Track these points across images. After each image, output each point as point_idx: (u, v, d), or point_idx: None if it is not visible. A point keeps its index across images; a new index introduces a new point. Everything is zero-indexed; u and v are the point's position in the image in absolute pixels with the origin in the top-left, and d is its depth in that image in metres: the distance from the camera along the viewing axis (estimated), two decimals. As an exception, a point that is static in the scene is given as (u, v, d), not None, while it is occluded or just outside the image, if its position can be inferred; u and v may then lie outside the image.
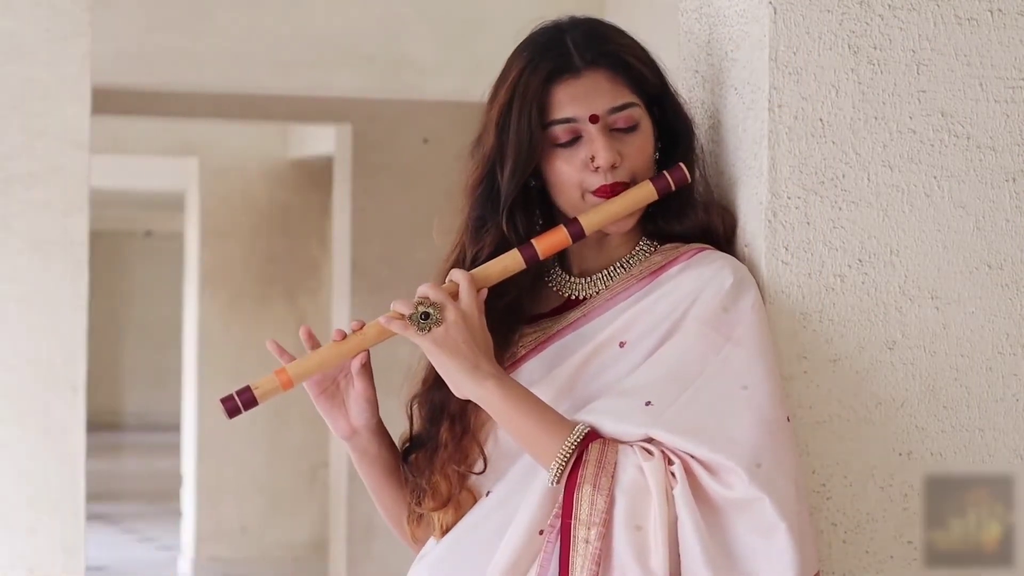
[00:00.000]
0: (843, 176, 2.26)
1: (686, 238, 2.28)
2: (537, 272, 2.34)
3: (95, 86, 4.32)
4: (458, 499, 2.29)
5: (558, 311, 2.30)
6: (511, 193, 2.25)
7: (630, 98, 2.24)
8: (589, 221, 2.23)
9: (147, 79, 6.40)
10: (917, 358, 2.27)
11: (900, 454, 2.27)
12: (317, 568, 9.81)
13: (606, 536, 2.08)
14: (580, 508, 2.09)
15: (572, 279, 2.31)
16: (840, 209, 2.26)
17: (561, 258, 2.34)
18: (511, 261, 2.23)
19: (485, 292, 2.21)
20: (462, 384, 2.17)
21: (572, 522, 2.09)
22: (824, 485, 2.25)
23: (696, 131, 2.32)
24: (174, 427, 12.18)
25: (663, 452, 2.10)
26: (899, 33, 2.27)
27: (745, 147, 2.30)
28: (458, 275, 2.20)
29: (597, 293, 2.28)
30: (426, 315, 2.16)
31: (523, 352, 2.28)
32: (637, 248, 2.29)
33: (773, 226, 2.25)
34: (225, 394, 2.25)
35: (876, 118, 2.26)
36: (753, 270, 2.26)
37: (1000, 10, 2.28)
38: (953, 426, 2.28)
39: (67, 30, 4.17)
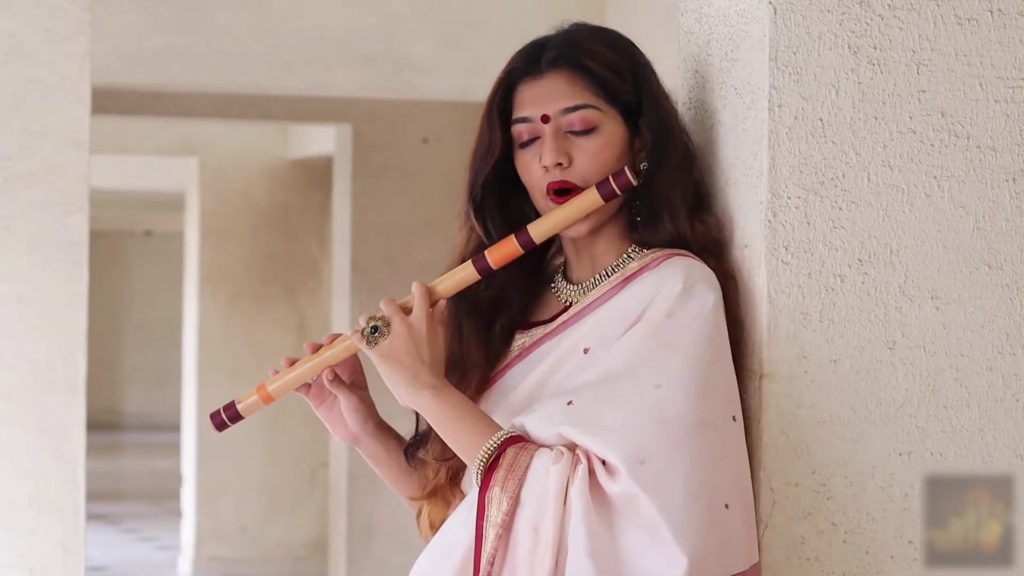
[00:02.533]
0: (843, 176, 2.26)
1: (663, 246, 2.28)
2: (545, 279, 2.38)
3: (95, 86, 4.32)
4: (448, 498, 2.35)
5: (554, 319, 2.32)
6: (472, 191, 2.31)
7: (588, 100, 2.26)
8: (538, 230, 2.27)
9: (147, 79, 6.39)
10: (917, 358, 2.27)
11: (900, 454, 2.27)
12: (317, 568, 9.81)
13: (504, 537, 2.13)
14: (490, 509, 2.14)
15: (568, 286, 2.34)
16: (840, 209, 2.26)
17: (564, 266, 2.37)
18: (466, 273, 2.29)
19: (443, 304, 2.27)
20: (402, 394, 2.24)
21: (483, 523, 2.14)
22: (824, 485, 2.25)
23: (678, 139, 2.31)
24: (174, 427, 12.18)
25: (576, 455, 2.12)
26: (899, 33, 2.27)
27: (745, 147, 2.30)
28: (414, 288, 2.26)
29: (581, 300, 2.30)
30: (375, 328, 2.24)
31: (511, 358, 2.32)
32: (624, 256, 2.30)
33: (773, 226, 2.25)
34: (220, 402, 2.37)
35: (876, 118, 2.27)
36: (753, 270, 2.26)
37: (1000, 10, 2.29)
38: (953, 426, 2.28)
39: (67, 30, 4.17)
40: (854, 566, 2.26)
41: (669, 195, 2.28)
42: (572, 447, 2.14)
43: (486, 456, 2.16)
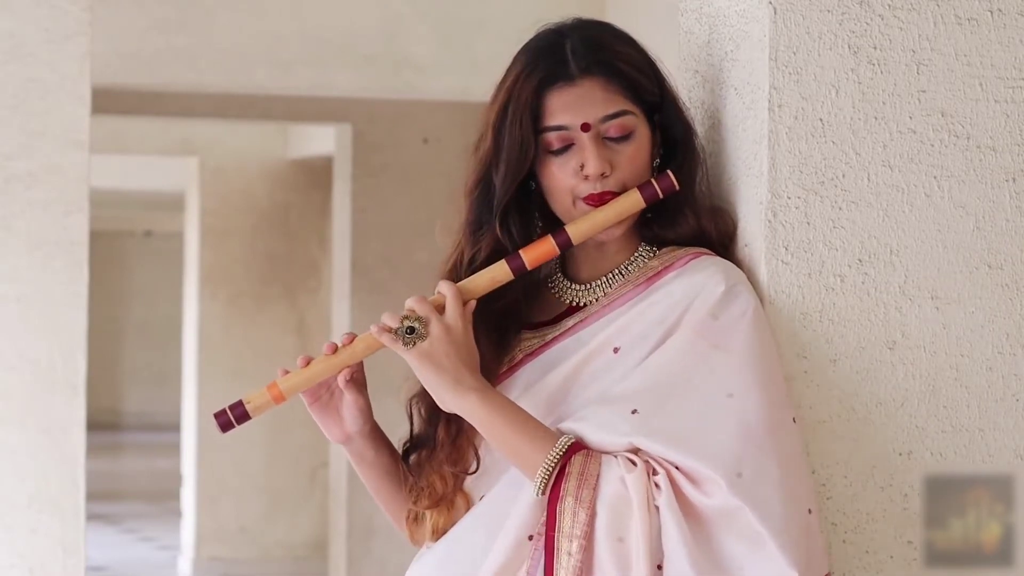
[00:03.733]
0: (843, 176, 2.26)
1: (680, 243, 2.28)
2: (540, 279, 2.35)
3: (95, 86, 4.32)
4: (453, 501, 2.31)
5: (560, 318, 2.30)
6: (503, 197, 2.26)
7: (624, 106, 2.24)
8: (576, 230, 2.24)
9: (147, 79, 6.39)
10: (917, 358, 2.27)
11: (900, 454, 2.27)
12: (317, 568, 9.81)
13: (587, 548, 2.10)
14: (563, 520, 2.10)
15: (573, 286, 2.32)
16: (840, 209, 2.26)
17: (563, 265, 2.35)
18: (499, 272, 2.24)
19: (473, 304, 2.23)
20: (444, 397, 2.19)
21: (555, 534, 2.11)
22: (824, 485, 2.25)
23: (696, 137, 2.31)
24: (174, 427, 12.18)
25: (646, 463, 2.10)
26: (899, 33, 2.27)
27: (745, 147, 2.30)
28: (445, 287, 2.21)
29: (596, 300, 2.29)
30: (411, 329, 2.18)
31: (520, 357, 2.29)
32: (636, 254, 2.29)
33: (773, 226, 2.25)
34: (222, 404, 2.29)
35: (876, 118, 2.26)
36: (753, 270, 2.26)
37: (1000, 10, 2.28)
38: (953, 426, 2.28)
39: (67, 30, 4.17)
40: (854, 566, 2.26)
41: (693, 191, 2.29)
42: (635, 452, 2.12)
43: (552, 465, 2.13)
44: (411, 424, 2.34)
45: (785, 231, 2.25)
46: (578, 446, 2.14)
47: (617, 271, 2.29)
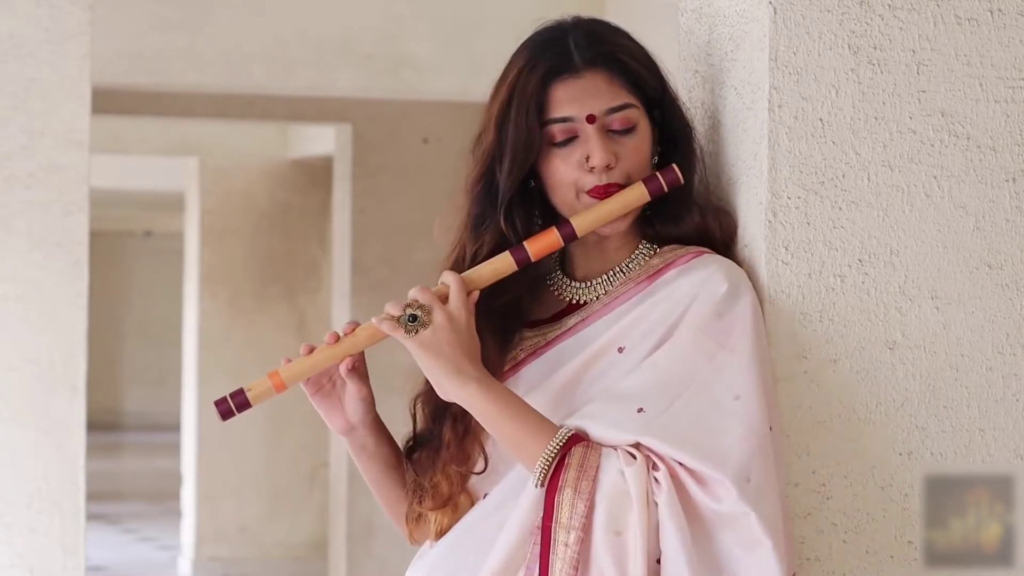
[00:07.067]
0: (843, 176, 2.26)
1: (683, 241, 2.28)
2: (539, 275, 2.34)
3: (95, 86, 4.33)
4: (457, 502, 2.30)
5: (559, 316, 2.30)
6: (509, 191, 2.26)
7: (628, 99, 2.24)
8: (581, 223, 2.23)
9: (147, 79, 6.40)
10: (917, 358, 2.27)
11: (900, 454, 2.27)
12: (317, 568, 9.81)
13: (585, 540, 2.09)
14: (561, 511, 2.10)
15: (573, 283, 2.31)
16: (840, 209, 2.26)
17: (562, 262, 2.35)
18: (502, 263, 2.24)
19: (476, 295, 2.22)
20: (445, 386, 2.18)
21: (553, 525, 2.10)
22: (824, 485, 2.25)
23: (695, 134, 2.32)
24: (174, 427, 12.18)
25: (647, 457, 2.10)
26: (899, 33, 2.27)
27: (745, 147, 2.30)
28: (449, 277, 2.21)
29: (597, 298, 2.29)
30: (413, 317, 2.17)
31: (523, 356, 2.29)
32: (636, 251, 2.29)
33: (773, 226, 2.25)
34: (222, 395, 2.28)
35: (876, 118, 2.26)
36: (753, 270, 2.26)
37: (1000, 10, 2.29)
38: (953, 426, 2.28)
39: (67, 30, 4.17)
40: (854, 566, 2.26)
41: (695, 189, 2.29)
42: (635, 446, 2.11)
43: (552, 456, 2.12)
44: (414, 424, 2.34)
45: (785, 231, 2.25)
46: (578, 438, 2.13)
47: (618, 269, 2.29)
